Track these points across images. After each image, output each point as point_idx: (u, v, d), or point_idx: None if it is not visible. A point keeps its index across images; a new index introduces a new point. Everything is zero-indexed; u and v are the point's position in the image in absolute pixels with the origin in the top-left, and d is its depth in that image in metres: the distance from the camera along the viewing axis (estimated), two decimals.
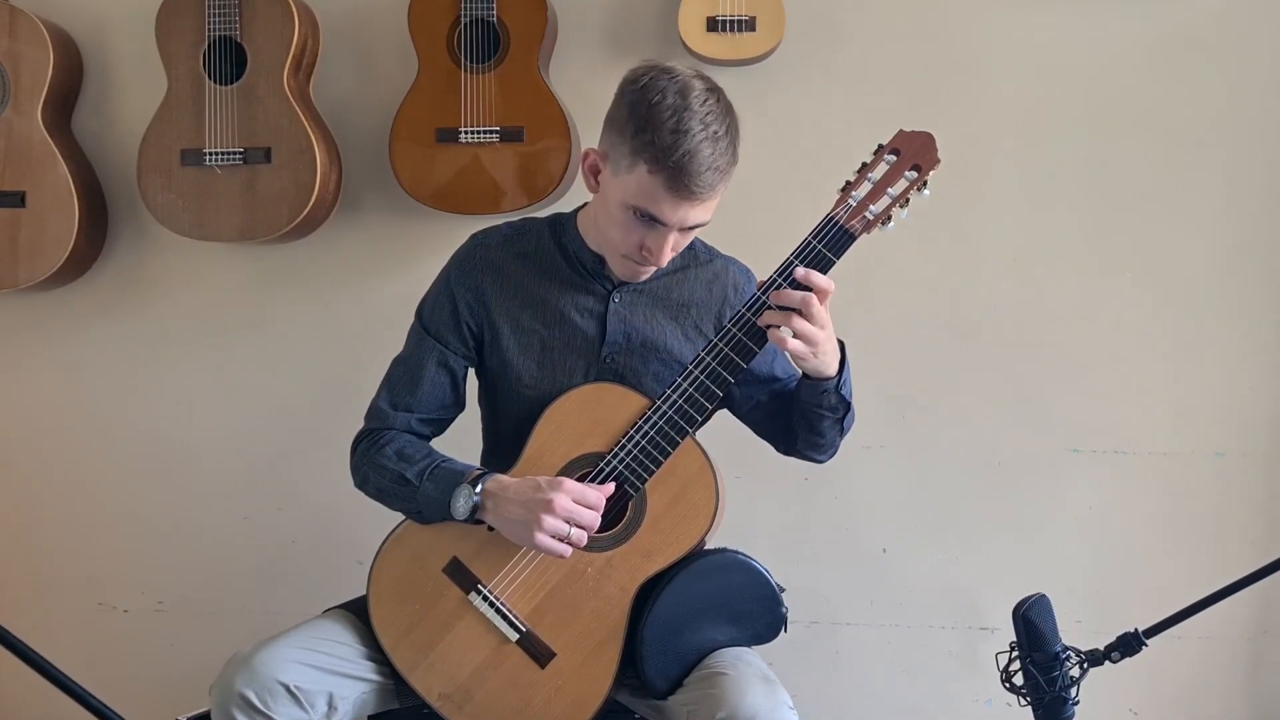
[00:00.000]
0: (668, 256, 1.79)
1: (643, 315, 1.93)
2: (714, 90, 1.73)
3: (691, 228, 1.77)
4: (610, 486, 1.76)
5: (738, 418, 2.04)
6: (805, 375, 1.83)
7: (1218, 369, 2.54)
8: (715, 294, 1.97)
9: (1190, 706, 2.59)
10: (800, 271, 1.71)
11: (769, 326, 1.71)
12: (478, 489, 1.76)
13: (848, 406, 1.88)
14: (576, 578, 1.80)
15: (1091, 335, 2.55)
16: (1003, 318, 2.57)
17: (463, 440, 2.01)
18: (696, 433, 1.81)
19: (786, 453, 2.02)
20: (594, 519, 1.73)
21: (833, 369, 1.80)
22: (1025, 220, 2.56)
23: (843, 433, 1.94)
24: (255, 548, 2.73)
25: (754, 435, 2.04)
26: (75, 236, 2.56)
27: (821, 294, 1.70)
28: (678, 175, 1.67)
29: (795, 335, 1.70)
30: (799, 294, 1.69)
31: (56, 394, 2.77)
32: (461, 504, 1.75)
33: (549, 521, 1.70)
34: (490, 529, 1.79)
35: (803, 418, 1.89)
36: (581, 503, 1.72)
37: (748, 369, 1.77)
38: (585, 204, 1.95)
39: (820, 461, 2.01)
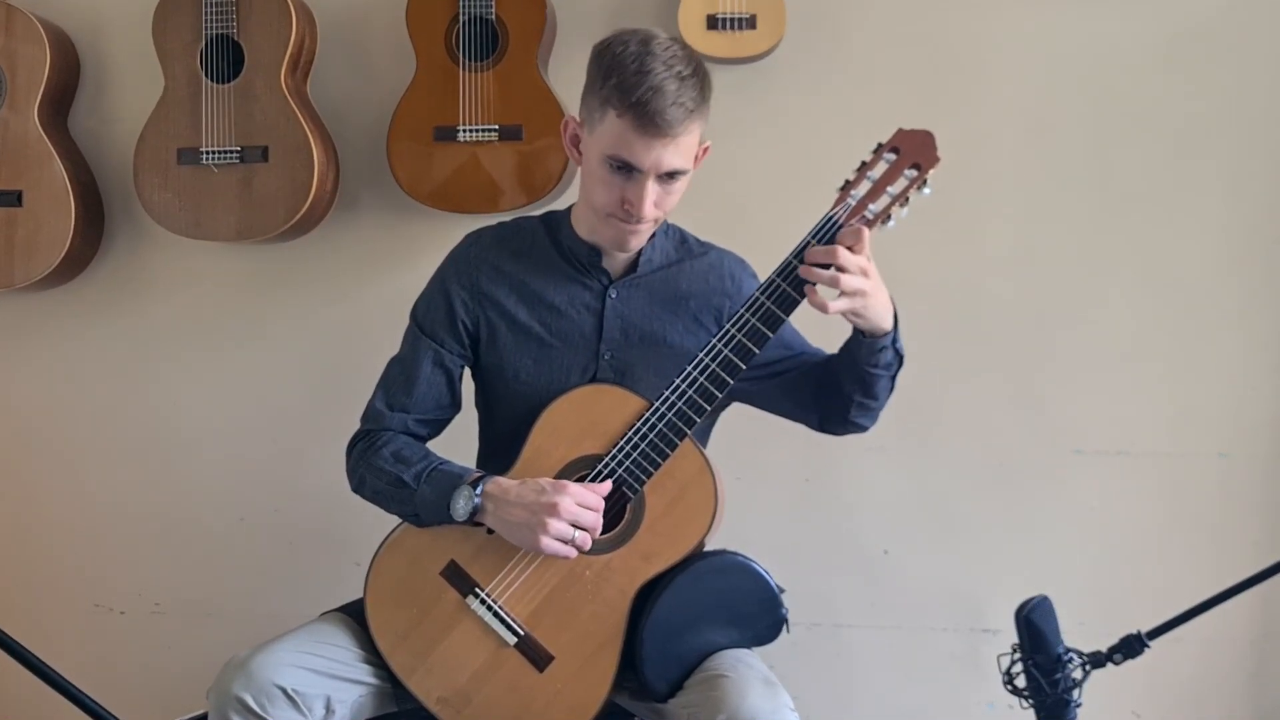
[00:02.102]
0: (650, 209, 1.76)
1: (640, 309, 1.92)
2: (678, 41, 1.76)
3: (669, 175, 1.76)
4: (607, 485, 1.75)
5: (759, 408, 2.00)
6: (861, 334, 1.78)
7: (1221, 369, 2.53)
8: (712, 284, 1.96)
9: (1192, 708, 2.58)
10: (810, 253, 1.69)
11: (809, 284, 1.68)
12: (478, 491, 1.75)
13: (902, 361, 1.83)
14: (575, 581, 1.78)
15: (1094, 335, 2.54)
16: (1004, 317, 2.56)
17: (460, 441, 2.00)
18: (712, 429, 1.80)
19: (823, 427, 1.96)
20: (597, 521, 1.73)
21: (887, 323, 1.75)
22: (1026, 219, 2.55)
23: (891, 391, 1.88)
24: (252, 549, 2.73)
25: (755, 436, 2.03)
26: (71, 236, 2.55)
27: (859, 245, 1.67)
28: (643, 111, 1.69)
29: (843, 292, 1.66)
30: (834, 247, 1.67)
31: (52, 394, 2.76)
32: (461, 505, 1.74)
33: (554, 525, 1.70)
34: (489, 531, 1.78)
35: (858, 381, 1.83)
36: (584, 505, 1.72)
37: (747, 369, 1.76)
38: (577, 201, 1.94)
39: (865, 428, 1.93)
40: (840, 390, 1.87)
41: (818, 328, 1.91)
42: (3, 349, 2.76)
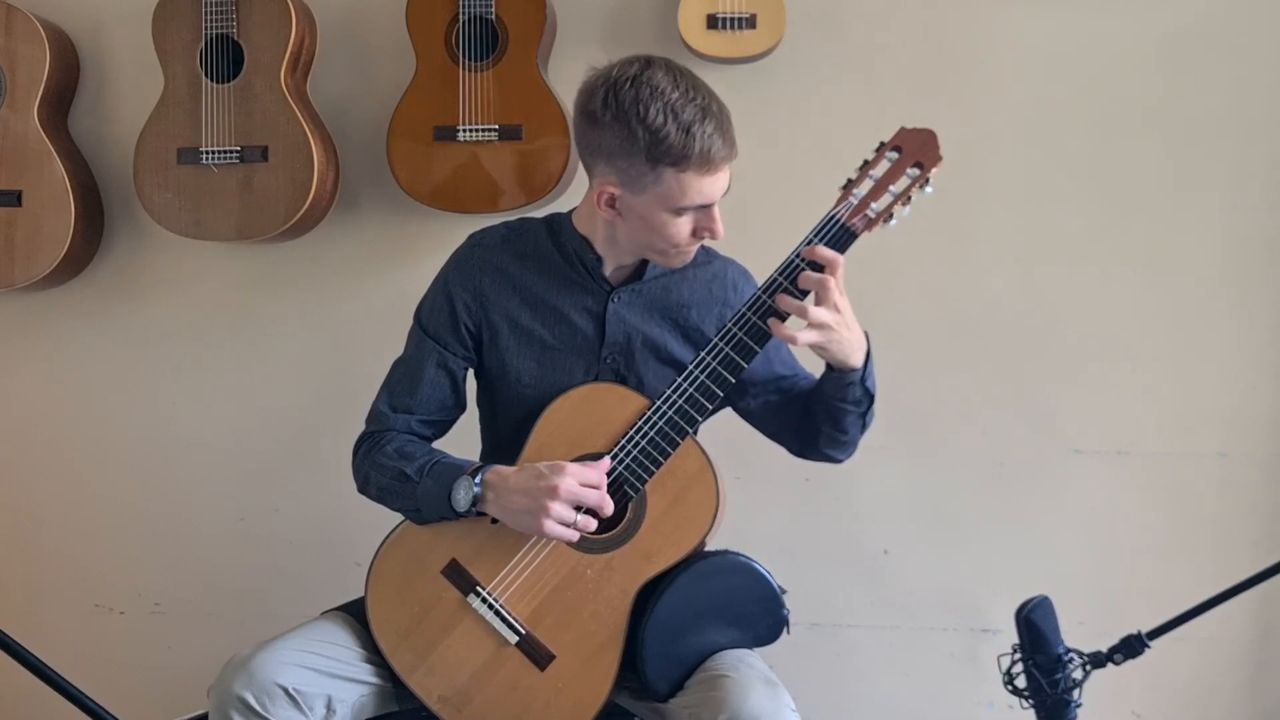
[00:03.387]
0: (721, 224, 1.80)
1: (641, 316, 1.92)
2: (658, 64, 1.73)
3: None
4: (606, 462, 1.76)
5: (751, 424, 2.02)
6: (830, 367, 1.80)
7: (1220, 369, 2.53)
8: (715, 294, 1.96)
9: (1193, 708, 2.58)
10: (806, 250, 1.72)
11: (777, 318, 1.71)
12: (478, 480, 1.76)
13: (871, 399, 1.85)
14: (576, 580, 1.78)
15: (1094, 335, 2.54)
16: (1005, 317, 2.56)
17: (463, 440, 2.00)
18: (697, 433, 1.81)
19: (801, 453, 1.99)
20: (600, 498, 1.73)
21: (856, 359, 1.77)
22: (1027, 219, 2.55)
23: (864, 428, 1.90)
24: (252, 549, 2.72)
25: (755, 436, 2.03)
26: (71, 236, 2.55)
27: (831, 268, 1.70)
28: (705, 157, 1.70)
29: (810, 324, 1.69)
30: (817, 276, 1.70)
31: (52, 394, 2.76)
32: (462, 495, 1.75)
33: (556, 508, 1.70)
34: (493, 521, 1.78)
35: (826, 413, 1.86)
36: (586, 484, 1.72)
37: (749, 370, 1.77)
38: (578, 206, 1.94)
39: (839, 461, 1.97)
40: (813, 418, 1.90)
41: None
42: (3, 349, 2.76)
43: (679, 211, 1.75)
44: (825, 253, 1.71)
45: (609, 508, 1.74)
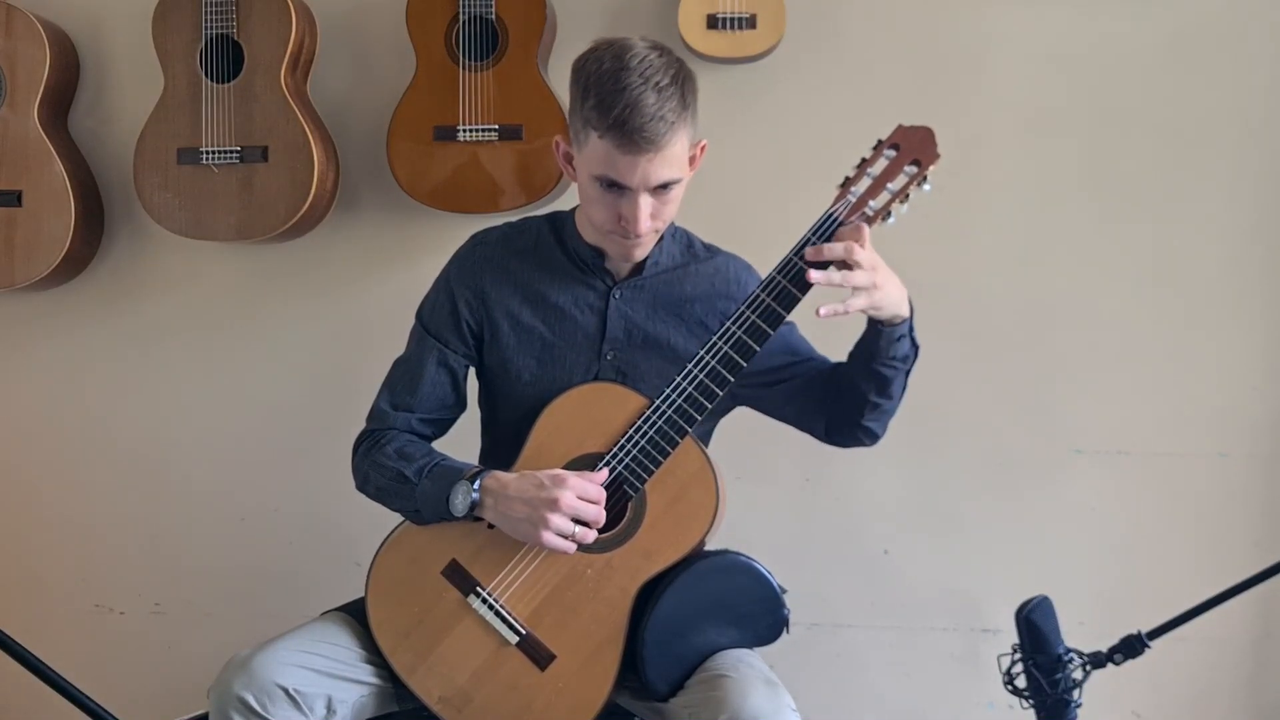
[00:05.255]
0: (645, 223, 1.75)
1: (644, 312, 1.91)
2: (656, 48, 1.73)
3: (662, 187, 1.74)
4: (604, 473, 1.75)
5: (775, 416, 1.99)
6: (879, 326, 1.75)
7: (1221, 369, 2.53)
8: (717, 288, 1.96)
9: (1193, 709, 2.58)
10: (810, 251, 1.68)
11: (810, 289, 1.68)
12: (476, 485, 1.75)
13: (917, 352, 1.82)
14: (576, 579, 1.78)
15: (1094, 335, 2.54)
16: (1005, 317, 2.56)
17: (465, 440, 2.00)
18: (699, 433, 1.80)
19: (829, 435, 1.93)
20: (598, 514, 1.72)
21: (906, 308, 1.74)
22: (1027, 218, 2.55)
23: (904, 391, 1.86)
24: (253, 549, 2.72)
25: (755, 436, 2.03)
26: (71, 236, 2.55)
27: (854, 242, 1.66)
28: (622, 130, 1.67)
29: (855, 290, 1.64)
30: (837, 245, 1.66)
31: (52, 394, 2.76)
32: (460, 500, 1.75)
33: (555, 520, 1.70)
34: (490, 526, 1.78)
35: (872, 380, 1.81)
36: (585, 498, 1.72)
37: (766, 357, 1.76)
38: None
39: (873, 439, 1.91)
40: (855, 390, 1.84)
41: (824, 330, 1.91)
42: (3, 349, 2.76)
43: (602, 184, 1.73)
44: (835, 247, 1.66)
45: (602, 522, 1.74)
